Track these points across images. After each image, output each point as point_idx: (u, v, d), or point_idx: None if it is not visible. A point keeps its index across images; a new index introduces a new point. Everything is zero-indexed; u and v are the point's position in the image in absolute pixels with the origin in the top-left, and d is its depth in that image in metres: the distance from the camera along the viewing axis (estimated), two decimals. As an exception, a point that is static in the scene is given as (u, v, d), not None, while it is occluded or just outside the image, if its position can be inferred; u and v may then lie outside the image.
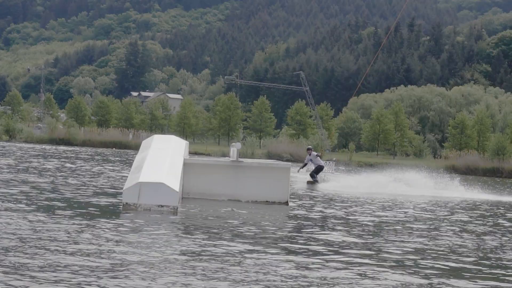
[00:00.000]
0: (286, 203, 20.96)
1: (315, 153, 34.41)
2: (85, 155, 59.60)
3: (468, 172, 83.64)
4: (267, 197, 21.08)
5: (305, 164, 34.74)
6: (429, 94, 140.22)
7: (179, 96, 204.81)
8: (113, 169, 37.25)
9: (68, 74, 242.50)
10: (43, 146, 79.54)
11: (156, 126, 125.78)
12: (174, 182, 17.33)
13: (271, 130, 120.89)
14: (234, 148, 21.85)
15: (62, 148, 77.92)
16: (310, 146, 36.43)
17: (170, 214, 16.40)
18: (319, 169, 34.14)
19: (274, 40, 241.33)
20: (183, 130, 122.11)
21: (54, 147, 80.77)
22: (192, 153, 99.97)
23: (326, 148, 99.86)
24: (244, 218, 17.23)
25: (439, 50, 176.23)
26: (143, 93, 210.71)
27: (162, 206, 16.72)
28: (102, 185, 24.67)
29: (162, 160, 18.48)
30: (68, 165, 37.50)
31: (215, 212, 17.80)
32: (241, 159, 21.55)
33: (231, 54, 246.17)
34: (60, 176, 27.58)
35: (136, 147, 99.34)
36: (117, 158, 57.67)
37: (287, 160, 73.68)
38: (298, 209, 20.41)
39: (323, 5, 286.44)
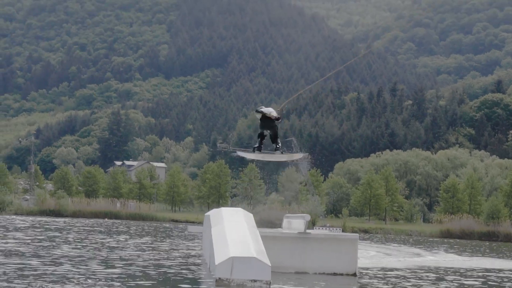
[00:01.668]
0: (354, 274, 20.62)
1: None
2: (122, 229, 58.60)
3: (463, 236, 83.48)
4: (335, 268, 20.83)
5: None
6: (415, 158, 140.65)
7: (163, 165, 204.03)
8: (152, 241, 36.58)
9: (50, 145, 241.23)
10: (56, 219, 78.40)
11: (144, 195, 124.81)
12: (264, 256, 17.00)
13: (261, 197, 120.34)
14: (301, 220, 21.57)
15: (68, 220, 76.81)
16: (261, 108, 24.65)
17: None
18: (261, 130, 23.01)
19: (256, 107, 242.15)
20: (172, 198, 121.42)
21: (51, 219, 79.58)
22: (183, 221, 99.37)
23: (320, 214, 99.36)
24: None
25: (422, 114, 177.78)
26: (127, 162, 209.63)
27: (255, 280, 16.49)
28: (173, 258, 24.48)
29: (243, 233, 18.25)
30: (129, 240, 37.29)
31: (306, 286, 17.80)
32: (308, 231, 21.32)
33: (214, 121, 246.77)
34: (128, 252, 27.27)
35: (127, 217, 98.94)
36: (142, 230, 56.68)
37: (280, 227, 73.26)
38: (367, 281, 19.96)
39: (304, 71, 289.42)
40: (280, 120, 25.00)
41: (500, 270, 27.22)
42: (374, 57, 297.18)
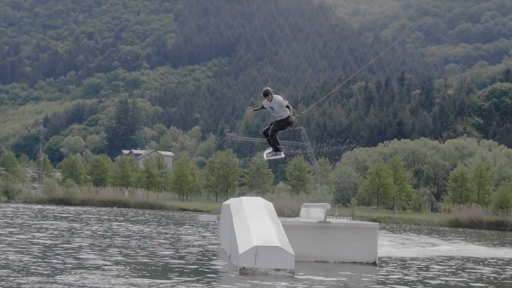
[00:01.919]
0: (374, 263, 20.72)
1: (281, 99, 20.56)
2: (138, 218, 58.71)
3: (472, 226, 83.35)
4: (355, 257, 21.01)
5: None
6: (423, 148, 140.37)
7: (170, 153, 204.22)
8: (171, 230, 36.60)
9: (58, 134, 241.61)
10: (66, 207, 78.56)
11: (152, 184, 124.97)
12: (288, 245, 17.24)
13: (269, 186, 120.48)
14: (321, 209, 21.72)
15: (79, 209, 76.95)
16: (268, 88, 21.40)
17: (288, 278, 16.27)
18: (282, 124, 20.22)
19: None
20: (180, 187, 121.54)
21: (61, 207, 79.71)
22: (191, 210, 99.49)
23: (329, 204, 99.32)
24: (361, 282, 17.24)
25: (430, 103, 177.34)
26: (134, 151, 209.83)
27: (279, 270, 16.55)
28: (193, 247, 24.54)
29: (265, 223, 18.35)
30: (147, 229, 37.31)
31: (329, 275, 17.85)
32: (328, 220, 21.50)
33: (221, 110, 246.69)
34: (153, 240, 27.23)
35: (135, 205, 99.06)
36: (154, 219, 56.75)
37: (288, 216, 73.36)
38: (388, 270, 20.14)
39: (311, 60, 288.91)
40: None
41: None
42: (382, 46, 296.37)
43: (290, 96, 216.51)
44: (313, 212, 23.90)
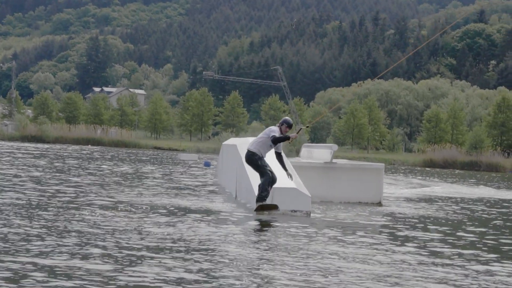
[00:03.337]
0: (379, 203, 20.79)
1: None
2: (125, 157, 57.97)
3: (446, 166, 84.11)
4: (360, 197, 21.12)
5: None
6: (396, 88, 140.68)
7: (142, 91, 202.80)
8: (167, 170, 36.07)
9: (27, 70, 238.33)
10: (41, 145, 77.64)
11: (125, 122, 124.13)
12: (303, 187, 17.17)
13: (243, 125, 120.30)
14: (327, 150, 21.57)
15: (57, 146, 76.14)
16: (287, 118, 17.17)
17: (305, 219, 16.13)
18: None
19: (236, 35, 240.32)
20: (154, 126, 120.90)
21: (35, 145, 78.84)
22: (166, 149, 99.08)
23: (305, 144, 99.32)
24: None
25: (404, 43, 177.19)
26: (106, 89, 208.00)
27: (295, 211, 16.52)
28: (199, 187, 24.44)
29: (277, 164, 17.99)
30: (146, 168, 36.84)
31: (343, 214, 17.85)
32: (334, 161, 21.37)
33: (193, 48, 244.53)
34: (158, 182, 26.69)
35: (109, 144, 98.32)
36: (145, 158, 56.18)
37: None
38: (393, 209, 20.07)
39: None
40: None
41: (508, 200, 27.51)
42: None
43: (263, 34, 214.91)
44: (317, 153, 23.75)
